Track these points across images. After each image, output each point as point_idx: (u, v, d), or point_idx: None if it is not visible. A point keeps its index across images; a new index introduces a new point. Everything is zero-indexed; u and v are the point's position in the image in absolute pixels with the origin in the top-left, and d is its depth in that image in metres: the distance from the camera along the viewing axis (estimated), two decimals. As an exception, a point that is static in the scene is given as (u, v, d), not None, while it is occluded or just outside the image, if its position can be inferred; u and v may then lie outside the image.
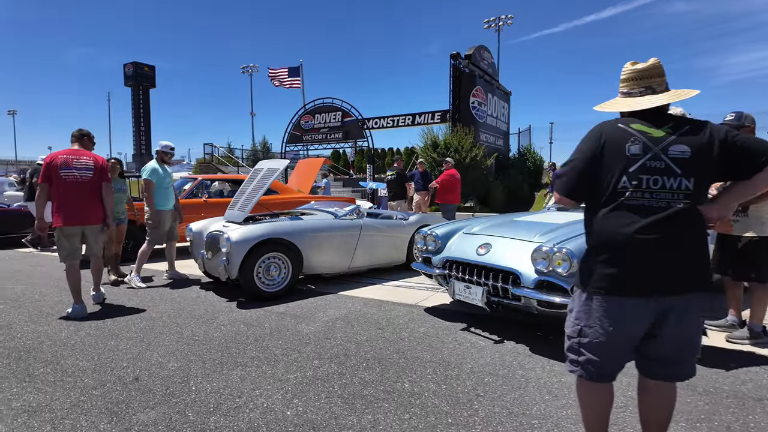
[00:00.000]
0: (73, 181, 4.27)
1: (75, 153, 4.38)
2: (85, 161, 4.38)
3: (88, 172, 4.36)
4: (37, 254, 8.08)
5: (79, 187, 4.29)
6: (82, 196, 4.30)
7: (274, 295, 4.65)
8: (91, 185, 4.35)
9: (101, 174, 4.41)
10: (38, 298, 4.91)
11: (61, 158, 4.27)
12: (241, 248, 4.43)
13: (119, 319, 4.09)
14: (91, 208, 4.37)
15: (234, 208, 5.12)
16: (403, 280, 5.47)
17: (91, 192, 4.34)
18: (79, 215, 4.30)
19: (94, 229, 4.44)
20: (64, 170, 4.28)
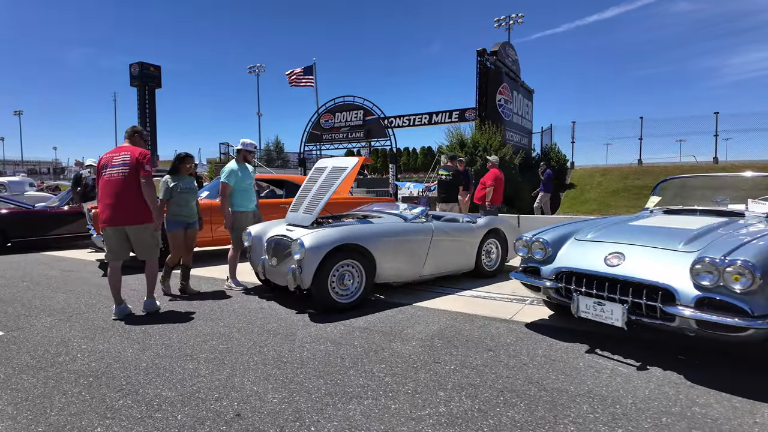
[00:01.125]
0: (111, 179, 4.00)
1: (117, 150, 4.12)
2: (123, 157, 4.03)
3: (125, 168, 4.01)
4: (66, 257, 7.67)
5: (116, 186, 4.00)
6: (120, 195, 4.00)
7: (347, 307, 4.20)
8: (128, 182, 3.99)
9: (137, 168, 4.00)
10: (85, 308, 4.47)
11: (105, 158, 4.11)
12: (316, 255, 3.98)
13: (185, 335, 3.64)
14: (131, 207, 4.01)
15: (298, 210, 4.67)
16: (477, 290, 5.01)
17: (128, 190, 3.99)
18: (118, 215, 4.02)
19: (136, 229, 4.08)
20: (105, 170, 4.07)
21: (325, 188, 4.57)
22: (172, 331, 3.73)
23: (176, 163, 4.83)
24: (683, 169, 20.76)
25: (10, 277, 6.04)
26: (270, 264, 4.48)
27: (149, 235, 4.15)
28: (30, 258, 7.70)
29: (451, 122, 25.09)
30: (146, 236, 4.13)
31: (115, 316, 4.10)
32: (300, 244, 3.97)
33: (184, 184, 4.81)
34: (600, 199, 18.22)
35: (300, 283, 4.07)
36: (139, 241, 4.13)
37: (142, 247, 4.16)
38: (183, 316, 4.16)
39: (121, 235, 4.08)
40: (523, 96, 20.24)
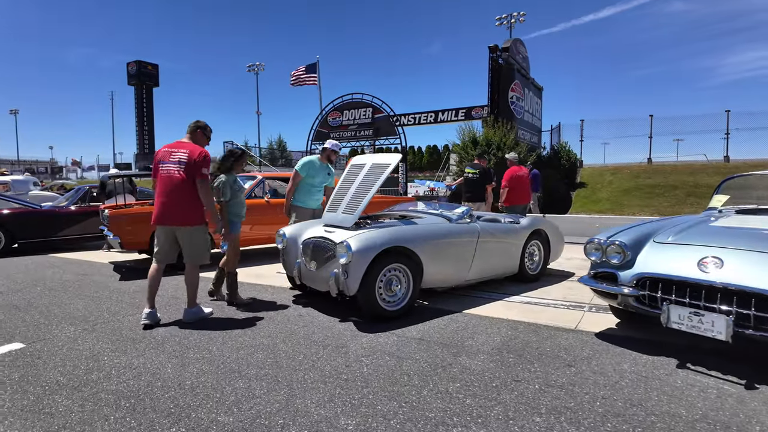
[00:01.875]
0: (166, 176, 3.80)
1: (176, 146, 3.86)
2: (181, 154, 3.78)
3: (181, 166, 3.77)
4: (78, 260, 7.34)
5: (170, 184, 3.76)
6: (172, 194, 3.79)
7: (395, 315, 3.88)
8: (182, 181, 3.74)
9: (194, 169, 3.76)
10: (108, 316, 4.15)
11: (161, 152, 3.87)
12: (364, 258, 3.66)
13: (225, 347, 3.32)
14: (182, 207, 3.77)
15: (337, 210, 4.35)
16: (524, 296, 4.70)
17: (182, 189, 3.76)
18: (168, 214, 3.80)
19: (186, 231, 3.82)
20: (161, 164, 3.84)
21: (365, 187, 4.25)
22: (210, 343, 3.41)
23: (232, 160, 4.44)
24: (694, 168, 20.51)
25: (22, 282, 5.70)
26: (308, 268, 4.16)
27: (200, 238, 3.90)
28: (40, 260, 7.36)
29: (457, 120, 24.79)
30: (196, 239, 3.88)
31: (145, 320, 3.78)
32: (346, 247, 3.66)
33: (238, 183, 4.49)
34: (613, 199, 17.95)
35: (345, 289, 3.76)
36: (189, 244, 3.87)
37: (191, 250, 3.89)
38: (217, 325, 3.84)
39: (170, 236, 3.86)
40: (533, 94, 19.97)
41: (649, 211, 16.09)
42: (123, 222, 5.87)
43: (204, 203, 3.83)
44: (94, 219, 8.50)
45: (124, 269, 6.47)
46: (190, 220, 3.82)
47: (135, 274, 6.00)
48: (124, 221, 5.89)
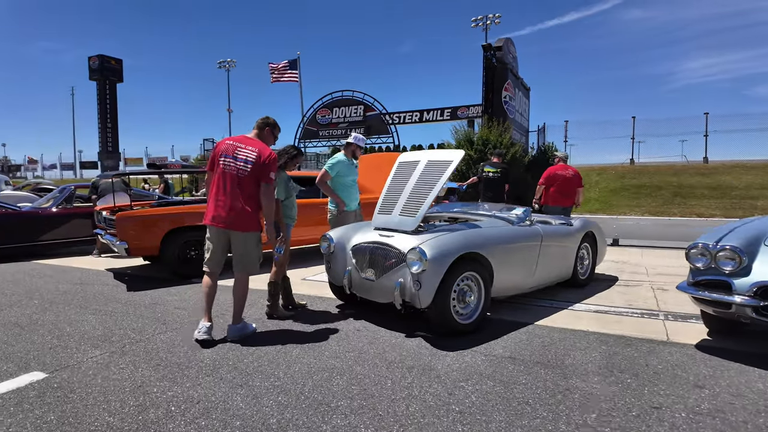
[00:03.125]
0: (228, 174, 3.37)
1: (243, 141, 3.45)
2: (248, 152, 3.38)
3: (247, 165, 3.34)
4: (69, 267, 6.62)
5: (232, 183, 3.37)
6: (234, 195, 3.36)
7: (468, 329, 3.50)
8: (247, 182, 3.34)
9: (261, 171, 3.36)
10: (134, 335, 3.60)
11: (225, 144, 3.45)
12: (440, 266, 3.27)
13: (292, 371, 2.87)
14: (243, 210, 3.35)
15: (391, 212, 3.93)
16: (585, 303, 4.41)
17: (245, 190, 3.37)
18: (226, 216, 3.37)
19: (241, 237, 3.40)
20: (223, 158, 3.41)
21: (426, 186, 3.85)
22: (273, 367, 2.94)
23: (287, 157, 4.00)
24: (676, 169, 21.02)
25: (13, 294, 5.02)
26: (363, 277, 3.73)
27: (255, 245, 3.50)
28: (23, 268, 6.61)
29: (443, 120, 24.67)
30: (251, 246, 3.48)
31: (204, 335, 3.34)
32: (420, 253, 3.25)
33: (285, 184, 4.02)
34: (602, 199, 18.13)
35: (414, 302, 3.35)
36: (244, 252, 3.47)
37: (245, 258, 3.48)
38: (268, 343, 3.37)
39: (223, 240, 3.46)
40: (522, 94, 19.97)
41: (640, 211, 16.30)
42: (131, 225, 5.26)
43: (265, 209, 3.44)
44: (78, 222, 7.78)
45: (126, 277, 5.84)
46: (249, 225, 3.41)
47: (142, 284, 5.40)
48: (133, 225, 5.28)
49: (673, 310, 4.10)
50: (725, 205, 15.96)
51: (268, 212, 3.44)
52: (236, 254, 3.48)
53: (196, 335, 3.36)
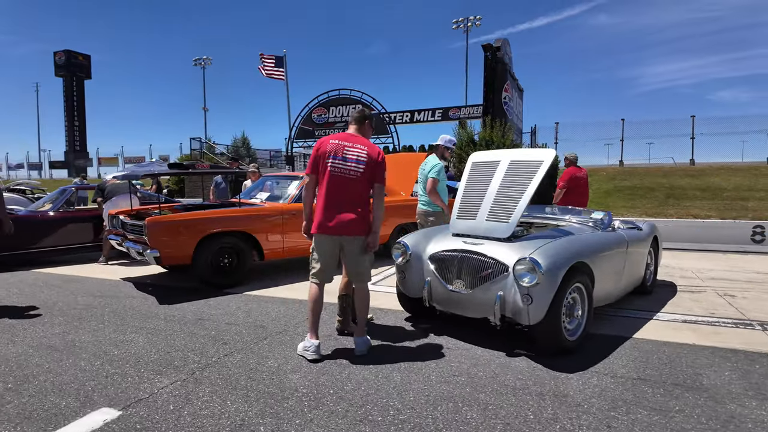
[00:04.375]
0: (340, 176, 3.11)
1: (349, 139, 3.19)
2: (358, 151, 3.16)
3: (359, 166, 3.14)
4: (79, 276, 6.04)
5: (346, 186, 3.12)
6: (350, 198, 3.13)
7: (574, 346, 3.21)
8: (360, 184, 3.14)
9: (374, 171, 3.16)
10: (200, 359, 3.18)
11: (331, 144, 3.16)
12: (555, 278, 2.98)
13: (413, 400, 2.52)
14: (359, 214, 3.14)
15: (474, 217, 3.61)
16: (666, 312, 4.20)
17: (361, 193, 3.16)
18: (341, 222, 3.11)
19: (354, 243, 3.17)
20: (331, 160, 3.13)
21: (515, 189, 3.55)
22: (384, 395, 2.58)
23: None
24: (664, 170, 21.41)
25: (28, 310, 4.46)
26: (451, 289, 3.39)
27: (367, 253, 3.23)
28: (26, 278, 5.99)
29: (434, 121, 24.53)
30: (363, 252, 3.22)
31: (314, 354, 3.08)
32: (533, 263, 2.94)
33: None
34: (597, 200, 18.14)
35: (521, 317, 3.05)
36: (359, 259, 3.21)
37: (361, 266, 3.23)
38: (360, 364, 3.00)
39: (335, 248, 3.18)
40: (517, 95, 19.97)
41: (636, 213, 16.42)
42: (164, 231, 4.76)
43: (377, 212, 3.17)
44: (81, 226, 7.17)
45: (150, 288, 5.32)
46: (363, 230, 3.17)
47: (172, 295, 4.91)
48: (166, 231, 4.78)
49: (761, 319, 3.92)
50: (718, 206, 16.23)
51: (380, 215, 3.18)
52: (351, 263, 3.20)
53: (306, 355, 3.08)
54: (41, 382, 2.82)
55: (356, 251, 3.18)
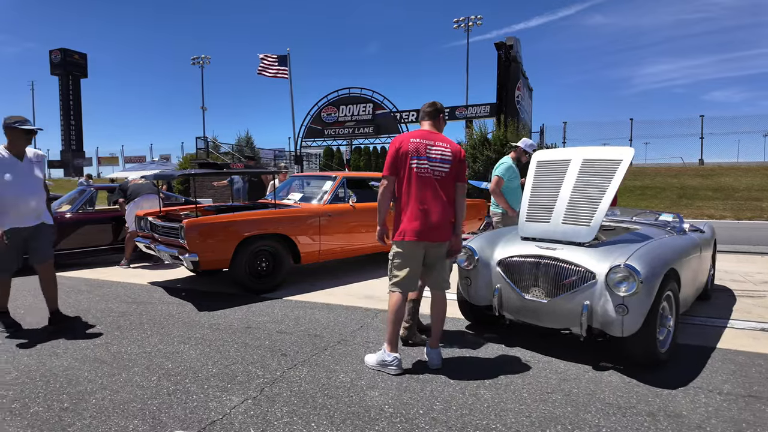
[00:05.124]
0: (426, 176, 2.88)
1: (428, 136, 2.97)
2: (442, 149, 2.95)
3: (445, 165, 2.93)
4: (103, 280, 5.78)
5: (434, 187, 2.90)
6: (437, 200, 2.90)
7: (666, 358, 3.01)
8: (446, 185, 2.94)
9: (459, 169, 2.98)
10: (264, 373, 2.96)
11: (412, 143, 2.91)
12: (652, 286, 2.78)
13: (514, 422, 2.30)
14: (444, 217, 2.92)
15: (549, 220, 3.40)
16: (736, 320, 4.01)
17: (447, 194, 2.94)
18: (435, 227, 2.89)
19: (441, 248, 3.00)
20: (416, 160, 2.90)
21: (593, 190, 3.34)
22: (479, 416, 2.37)
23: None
24: (674, 170, 21.29)
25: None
26: (528, 297, 3.18)
27: (450, 255, 3.07)
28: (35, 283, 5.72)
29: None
30: (447, 257, 3.06)
31: (398, 370, 2.88)
32: (631, 271, 2.74)
33: None
34: (609, 200, 18.05)
35: (613, 329, 2.83)
36: (444, 265, 3.06)
37: (446, 273, 3.08)
38: (432, 377, 2.78)
39: (422, 253, 2.96)
40: (528, 94, 19.80)
41: (650, 213, 16.31)
42: (204, 234, 4.52)
43: (459, 214, 2.98)
44: (99, 228, 6.91)
45: (183, 293, 5.08)
46: (447, 235, 2.98)
47: (209, 301, 4.67)
48: (206, 233, 4.54)
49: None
50: (732, 207, 16.15)
51: (461, 214, 3.00)
52: (437, 270, 3.02)
53: (389, 371, 2.87)
54: (98, 401, 2.59)
55: (442, 256, 3.00)
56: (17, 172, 3.59)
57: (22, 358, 3.23)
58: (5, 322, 3.78)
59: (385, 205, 3.04)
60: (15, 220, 3.58)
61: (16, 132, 3.56)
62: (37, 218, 3.74)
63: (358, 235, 5.77)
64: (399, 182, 2.95)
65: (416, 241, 2.87)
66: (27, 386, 2.77)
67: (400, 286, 2.94)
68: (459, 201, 2.99)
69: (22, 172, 3.62)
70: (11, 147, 3.61)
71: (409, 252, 2.92)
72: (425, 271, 3.04)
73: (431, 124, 3.06)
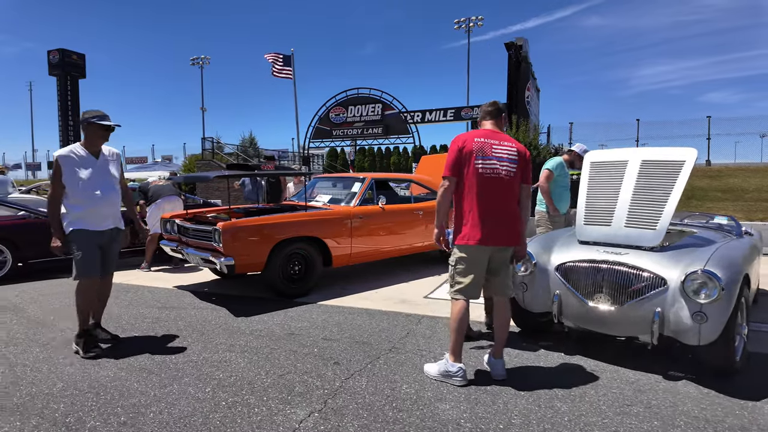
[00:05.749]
0: (493, 176, 2.77)
1: (493, 136, 2.86)
2: (508, 149, 2.84)
3: (512, 165, 2.82)
4: (128, 285, 5.64)
5: (503, 189, 2.80)
6: (506, 202, 2.81)
7: (739, 366, 2.90)
8: (513, 186, 2.84)
9: (524, 170, 2.87)
10: (322, 384, 2.83)
11: (477, 142, 2.80)
12: (732, 293, 2.67)
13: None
14: (512, 220, 2.83)
15: (610, 223, 3.29)
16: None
17: (513, 196, 2.85)
18: (496, 230, 2.77)
19: (507, 252, 2.89)
20: (481, 160, 2.77)
21: (656, 192, 3.23)
22: (561, 429, 2.24)
23: None
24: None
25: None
26: (592, 305, 3.06)
27: (516, 259, 2.98)
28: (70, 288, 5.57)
29: (445, 121, 24.21)
30: (512, 261, 2.96)
31: (461, 381, 2.76)
32: (711, 276, 2.62)
33: None
34: (618, 201, 17.98)
35: (688, 337, 2.72)
36: (509, 271, 2.95)
37: (508, 277, 2.94)
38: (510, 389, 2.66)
39: (487, 258, 2.83)
40: (536, 95, 19.72)
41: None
42: (240, 237, 4.39)
43: (524, 216, 2.88)
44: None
45: (213, 297, 4.95)
46: (515, 240, 2.87)
47: (244, 306, 4.54)
48: (241, 237, 4.41)
49: None
50: (743, 208, 16.06)
51: (527, 219, 2.97)
52: (502, 276, 2.90)
53: (454, 382, 2.76)
54: (156, 414, 2.46)
55: (506, 261, 2.89)
56: (94, 170, 3.29)
57: (64, 367, 3.10)
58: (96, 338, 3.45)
59: (445, 206, 2.92)
60: (90, 222, 3.28)
61: (94, 128, 3.30)
62: (114, 222, 3.45)
63: (388, 237, 5.66)
64: (460, 183, 2.83)
65: (482, 245, 2.75)
66: (77, 398, 2.65)
67: (463, 293, 2.82)
68: (525, 203, 2.89)
69: (99, 170, 3.33)
70: (88, 144, 3.34)
71: (473, 257, 2.80)
72: (489, 276, 2.91)
73: (494, 123, 2.94)
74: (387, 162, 24.74)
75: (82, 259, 3.27)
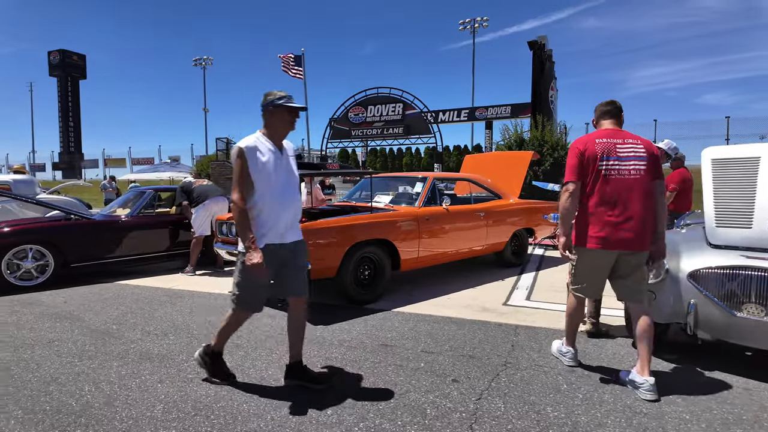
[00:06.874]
0: (620, 177, 2.67)
1: (616, 135, 2.76)
2: (633, 146, 2.72)
3: (640, 163, 2.69)
4: (180, 291, 5.34)
5: (628, 188, 2.67)
6: (636, 204, 2.65)
7: None
8: (643, 185, 2.68)
9: (656, 166, 2.72)
10: (448, 404, 2.54)
11: (599, 144, 2.70)
12: None
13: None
14: (642, 222, 2.66)
15: (751, 225, 3.01)
16: None
17: (643, 196, 2.67)
18: (625, 234, 2.65)
19: (639, 257, 2.72)
20: (605, 161, 2.69)
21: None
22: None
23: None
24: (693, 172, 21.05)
25: (167, 332, 3.79)
26: (741, 316, 2.77)
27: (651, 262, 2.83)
28: (122, 292, 5.28)
29: (459, 121, 23.97)
30: (644, 269, 2.79)
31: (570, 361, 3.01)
32: None
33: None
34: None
35: None
36: (640, 274, 2.76)
37: (640, 283, 2.76)
38: (683, 411, 2.37)
39: (610, 264, 2.75)
40: (556, 95, 19.46)
41: (687, 215, 16.00)
42: (318, 240, 4.09)
43: (660, 213, 2.74)
44: (158, 233, 6.46)
45: (278, 304, 4.65)
46: (647, 242, 2.73)
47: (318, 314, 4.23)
48: (319, 239, 4.11)
49: None
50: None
51: (665, 216, 2.81)
52: (634, 282, 2.75)
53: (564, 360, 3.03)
54: (285, 443, 2.16)
55: (638, 265, 2.73)
56: (282, 169, 2.54)
57: (156, 385, 2.80)
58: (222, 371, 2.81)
59: (572, 211, 2.79)
60: (275, 235, 2.55)
61: (281, 111, 2.53)
62: (297, 233, 2.69)
63: (453, 239, 5.37)
64: (583, 186, 2.75)
65: (604, 249, 2.68)
66: (187, 423, 2.35)
67: (581, 293, 2.89)
68: (660, 200, 2.73)
69: (286, 169, 2.58)
70: (272, 133, 2.55)
71: (593, 261, 2.77)
72: (616, 281, 2.80)
73: (613, 122, 2.85)
74: (399, 163, 24.49)
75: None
